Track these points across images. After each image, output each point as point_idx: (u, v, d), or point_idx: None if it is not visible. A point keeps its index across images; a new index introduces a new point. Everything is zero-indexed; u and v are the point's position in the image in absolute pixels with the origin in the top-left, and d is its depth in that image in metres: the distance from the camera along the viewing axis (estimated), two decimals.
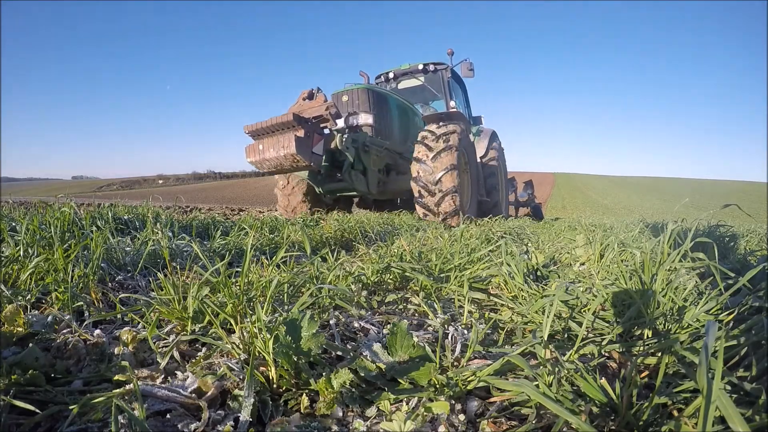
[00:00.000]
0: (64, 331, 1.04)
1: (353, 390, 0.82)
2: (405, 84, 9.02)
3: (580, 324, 1.15)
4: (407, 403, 0.78)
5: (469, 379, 0.83)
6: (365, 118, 6.78)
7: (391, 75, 9.02)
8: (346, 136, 5.68)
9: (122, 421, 0.65)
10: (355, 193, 6.73)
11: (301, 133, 4.89)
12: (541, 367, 0.82)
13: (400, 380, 0.85)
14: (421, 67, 8.77)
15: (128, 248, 2.01)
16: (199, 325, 1.11)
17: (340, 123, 6.66)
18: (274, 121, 4.97)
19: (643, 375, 0.89)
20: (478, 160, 8.23)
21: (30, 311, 1.14)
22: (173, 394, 0.75)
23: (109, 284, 1.55)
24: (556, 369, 0.81)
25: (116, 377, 0.81)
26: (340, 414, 0.76)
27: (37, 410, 0.69)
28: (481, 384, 0.83)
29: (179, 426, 0.69)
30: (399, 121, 7.40)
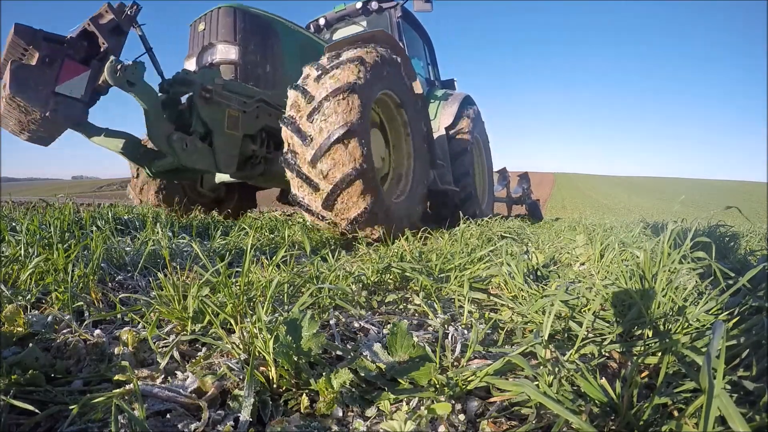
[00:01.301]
0: (64, 331, 1.04)
1: (353, 390, 0.82)
2: (343, 32, 6.52)
3: (580, 324, 1.15)
4: (407, 403, 0.78)
5: (469, 379, 0.83)
6: (224, 52, 4.33)
7: (321, 21, 6.53)
8: (123, 63, 3.20)
9: (122, 421, 0.65)
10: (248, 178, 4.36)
11: (34, 59, 2.87)
12: (542, 367, 0.81)
13: (400, 380, 0.84)
14: (359, 6, 6.25)
15: (128, 248, 2.01)
16: (199, 325, 1.11)
17: (191, 65, 4.48)
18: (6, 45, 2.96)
19: (643, 375, 0.89)
20: (441, 131, 6.05)
21: (30, 311, 1.14)
22: (173, 394, 0.75)
23: (109, 284, 1.55)
24: (557, 369, 0.81)
25: (116, 377, 0.81)
26: (340, 414, 0.76)
27: (37, 410, 0.69)
28: (481, 384, 0.83)
29: (179, 426, 0.69)
30: (299, 64, 4.42)
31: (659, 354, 0.90)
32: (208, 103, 3.80)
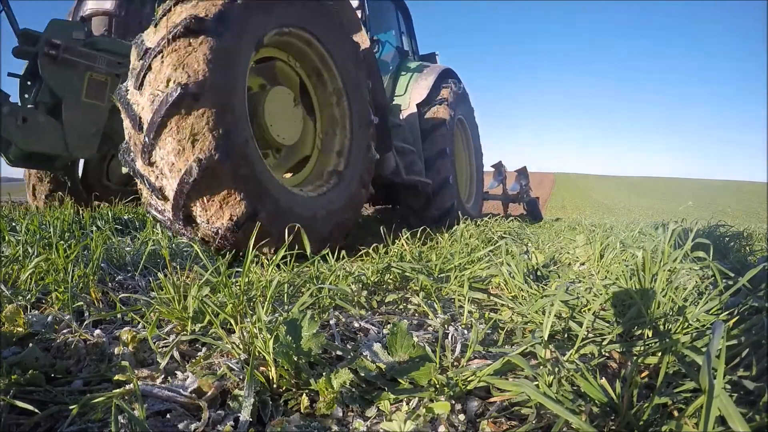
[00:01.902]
0: (64, 331, 1.04)
1: (353, 390, 0.82)
2: None
3: (580, 324, 1.15)
4: (407, 403, 0.78)
5: (469, 379, 0.83)
6: (96, 2, 3.49)
7: None
8: None
9: (122, 421, 0.65)
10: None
11: None
12: (542, 367, 0.81)
13: (400, 380, 0.85)
14: None
15: (128, 248, 2.01)
16: (199, 325, 1.11)
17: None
18: None
19: (643, 375, 0.89)
20: (412, 108, 4.96)
21: (30, 311, 1.14)
22: (173, 394, 0.75)
23: (109, 284, 1.55)
24: (557, 369, 0.81)
25: (116, 377, 0.81)
26: (340, 414, 0.76)
27: (37, 410, 0.69)
28: (481, 384, 0.83)
29: (179, 426, 0.69)
30: None
31: (659, 354, 0.91)
32: (55, 63, 2.84)
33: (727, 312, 1.05)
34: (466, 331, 1.19)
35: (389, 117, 3.79)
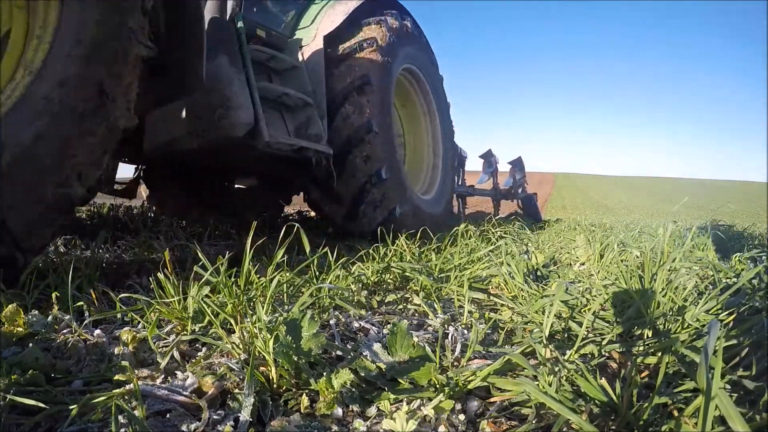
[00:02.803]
0: (64, 331, 1.04)
1: (353, 390, 0.82)
2: None
3: (580, 324, 1.15)
4: (407, 403, 0.78)
5: (469, 379, 0.83)
6: None
7: None
8: None
9: (122, 421, 0.65)
10: None
11: None
12: (542, 366, 0.82)
13: (400, 380, 0.85)
14: None
15: (128, 248, 2.01)
16: (199, 325, 1.11)
17: None
18: None
19: (643, 375, 0.89)
20: (318, 42, 3.23)
21: (30, 311, 1.13)
22: (173, 394, 0.75)
23: (110, 284, 1.55)
24: (557, 369, 0.81)
25: (116, 377, 0.81)
26: (341, 414, 0.76)
27: (45, 406, 0.69)
28: (482, 384, 0.83)
29: (179, 426, 0.69)
30: None
31: (659, 354, 0.91)
32: None
33: (727, 312, 1.06)
34: (466, 331, 1.19)
35: (203, 30, 2.09)
